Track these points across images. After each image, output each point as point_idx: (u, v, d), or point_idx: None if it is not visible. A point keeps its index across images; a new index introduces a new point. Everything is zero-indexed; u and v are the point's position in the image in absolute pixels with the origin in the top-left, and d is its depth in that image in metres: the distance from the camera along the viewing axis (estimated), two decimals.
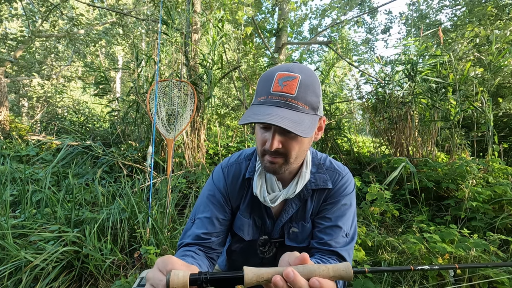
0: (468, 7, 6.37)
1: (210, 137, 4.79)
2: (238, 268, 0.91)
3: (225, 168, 0.87)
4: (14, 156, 3.61)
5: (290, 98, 0.63)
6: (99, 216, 1.97)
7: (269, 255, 0.85)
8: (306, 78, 0.65)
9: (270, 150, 0.66)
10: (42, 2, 5.88)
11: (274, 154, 0.68)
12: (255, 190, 0.79)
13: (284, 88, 0.64)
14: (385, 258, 1.83)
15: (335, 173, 0.83)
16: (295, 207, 0.81)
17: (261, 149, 0.70)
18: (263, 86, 0.68)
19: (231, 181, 0.85)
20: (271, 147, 0.65)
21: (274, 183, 0.79)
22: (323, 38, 10.01)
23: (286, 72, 0.66)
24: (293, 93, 0.64)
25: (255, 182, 0.79)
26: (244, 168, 0.85)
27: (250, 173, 0.82)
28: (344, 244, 0.77)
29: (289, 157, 0.69)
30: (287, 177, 0.80)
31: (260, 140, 0.70)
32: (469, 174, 2.54)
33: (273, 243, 0.83)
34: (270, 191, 0.79)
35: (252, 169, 0.83)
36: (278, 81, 0.65)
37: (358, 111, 4.98)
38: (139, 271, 1.76)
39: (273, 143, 0.65)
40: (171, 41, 3.35)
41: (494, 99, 4.31)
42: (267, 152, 0.68)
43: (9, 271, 1.48)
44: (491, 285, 1.54)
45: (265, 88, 0.67)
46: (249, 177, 0.82)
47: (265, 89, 0.66)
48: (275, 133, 0.65)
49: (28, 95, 9.48)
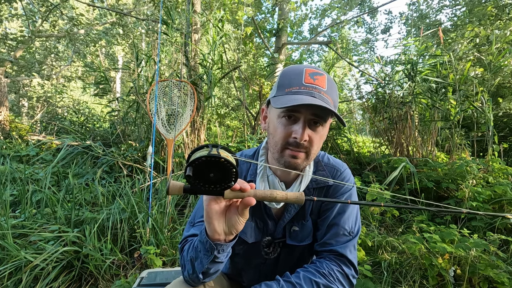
0: (468, 7, 6.37)
1: (210, 137, 4.80)
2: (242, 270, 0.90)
3: None
4: (14, 156, 3.61)
5: (322, 91, 0.66)
6: (99, 216, 1.97)
7: (274, 255, 0.84)
8: (330, 78, 0.69)
9: (299, 141, 0.66)
10: (42, 2, 5.88)
11: (298, 148, 0.67)
12: None
13: (316, 81, 0.66)
14: (385, 258, 1.83)
15: (334, 170, 0.83)
16: (297, 206, 0.81)
17: (283, 143, 0.69)
18: (293, 78, 0.68)
19: None
20: (301, 138, 0.65)
21: (277, 185, 0.77)
22: (323, 38, 10.01)
23: (314, 69, 0.68)
24: (325, 87, 0.66)
25: (258, 185, 0.78)
26: (244, 170, 0.84)
27: (252, 176, 0.81)
28: (344, 241, 0.76)
29: (311, 152, 0.69)
30: (290, 178, 0.79)
31: (283, 133, 0.68)
32: (469, 174, 2.54)
33: (277, 244, 0.83)
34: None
35: (254, 172, 0.81)
36: (309, 75, 0.67)
37: (358, 111, 4.99)
38: (139, 271, 1.76)
39: (303, 134, 0.65)
40: (171, 41, 3.35)
41: (494, 99, 4.31)
42: (291, 145, 0.68)
43: (9, 271, 1.48)
44: (491, 285, 1.54)
45: (296, 79, 0.67)
46: (251, 179, 0.81)
47: (296, 81, 0.67)
48: (306, 125, 0.66)
49: (28, 95, 9.48)
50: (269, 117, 0.75)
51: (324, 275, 0.70)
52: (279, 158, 0.70)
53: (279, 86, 0.70)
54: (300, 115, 0.66)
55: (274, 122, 0.71)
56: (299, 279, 0.69)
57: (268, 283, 0.70)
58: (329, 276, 0.71)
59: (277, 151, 0.70)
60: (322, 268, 0.72)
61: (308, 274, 0.71)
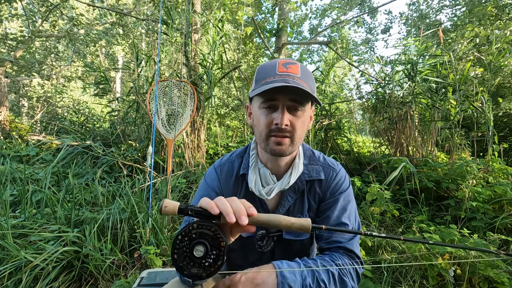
0: (468, 7, 6.36)
1: (210, 137, 4.79)
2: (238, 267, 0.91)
3: (218, 168, 0.88)
4: (14, 156, 3.61)
5: (296, 77, 0.68)
6: (99, 216, 1.97)
7: (267, 249, 0.85)
8: (304, 66, 0.72)
9: (281, 126, 0.68)
10: (42, 2, 5.88)
11: (281, 132, 0.70)
12: (250, 185, 0.79)
13: (289, 70, 0.69)
14: (385, 258, 1.83)
15: (329, 169, 0.84)
16: (291, 199, 0.82)
17: (267, 131, 0.71)
18: (267, 71, 0.71)
19: (225, 179, 0.85)
20: (282, 123, 0.68)
21: (268, 177, 0.79)
22: (323, 38, 10.00)
23: (286, 59, 0.72)
24: (298, 74, 0.69)
25: (250, 177, 0.80)
26: (237, 166, 0.86)
27: (244, 169, 0.83)
28: (350, 238, 0.78)
29: (294, 137, 0.72)
30: (281, 169, 0.80)
31: (265, 122, 0.71)
32: (469, 174, 2.54)
33: (270, 237, 0.83)
34: (264, 184, 0.80)
35: (246, 165, 0.83)
36: (282, 65, 0.70)
37: (358, 111, 4.98)
38: (139, 271, 1.76)
39: (283, 119, 0.68)
40: (171, 41, 3.35)
41: (494, 99, 4.31)
42: (274, 132, 0.70)
43: (9, 271, 1.48)
44: (491, 285, 1.54)
45: (270, 71, 0.71)
46: (243, 173, 0.83)
47: (270, 72, 0.70)
48: (284, 110, 0.69)
49: (28, 95, 9.48)
50: (253, 112, 0.79)
51: (339, 266, 0.72)
52: (265, 146, 0.73)
53: (256, 80, 0.74)
54: (278, 102, 0.69)
55: (256, 114, 0.75)
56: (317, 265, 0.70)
57: (290, 262, 0.70)
58: (343, 268, 0.72)
59: (263, 140, 0.73)
60: (337, 259, 0.73)
61: (324, 263, 0.71)
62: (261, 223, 0.53)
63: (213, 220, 0.51)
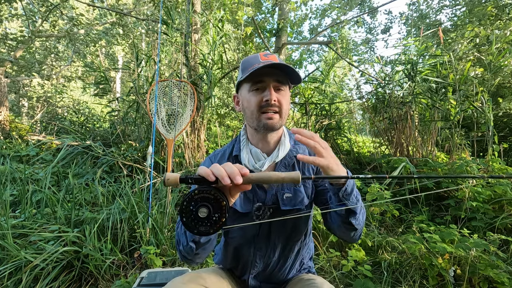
0: (468, 7, 6.37)
1: (210, 137, 4.79)
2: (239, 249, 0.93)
3: (212, 156, 0.96)
4: (14, 156, 3.61)
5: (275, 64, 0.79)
6: (99, 216, 1.97)
7: (264, 218, 0.86)
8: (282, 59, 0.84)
9: (270, 102, 0.79)
10: (42, 2, 5.88)
11: (272, 108, 0.80)
12: (244, 162, 0.86)
13: (270, 58, 0.81)
14: (385, 258, 1.83)
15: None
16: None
17: (258, 109, 0.81)
18: (250, 62, 0.82)
19: (219, 161, 0.92)
20: (271, 99, 0.78)
21: (260, 155, 0.86)
22: (323, 38, 10.00)
23: (265, 52, 0.85)
24: (277, 61, 0.80)
25: (243, 156, 0.87)
26: (229, 151, 0.94)
27: (237, 151, 0.90)
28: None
29: (282, 111, 0.82)
30: (270, 147, 0.88)
31: (256, 101, 0.81)
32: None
33: (267, 208, 0.86)
34: (256, 161, 0.87)
35: (238, 148, 0.91)
36: (263, 55, 0.82)
37: (358, 111, 4.99)
38: (139, 271, 1.76)
39: (272, 94, 0.79)
40: (171, 41, 3.35)
41: (494, 99, 4.31)
42: (265, 108, 0.80)
43: (9, 271, 1.48)
44: (491, 285, 1.54)
45: (254, 60, 0.82)
46: (236, 154, 0.90)
47: (254, 61, 0.81)
48: (271, 88, 0.80)
49: (28, 95, 9.48)
50: (241, 99, 0.88)
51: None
52: (258, 123, 0.82)
53: (243, 69, 0.84)
54: (265, 83, 0.80)
55: (246, 98, 0.84)
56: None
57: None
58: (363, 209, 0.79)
59: (255, 118, 0.82)
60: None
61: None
62: (254, 181, 0.58)
63: (212, 185, 0.57)
